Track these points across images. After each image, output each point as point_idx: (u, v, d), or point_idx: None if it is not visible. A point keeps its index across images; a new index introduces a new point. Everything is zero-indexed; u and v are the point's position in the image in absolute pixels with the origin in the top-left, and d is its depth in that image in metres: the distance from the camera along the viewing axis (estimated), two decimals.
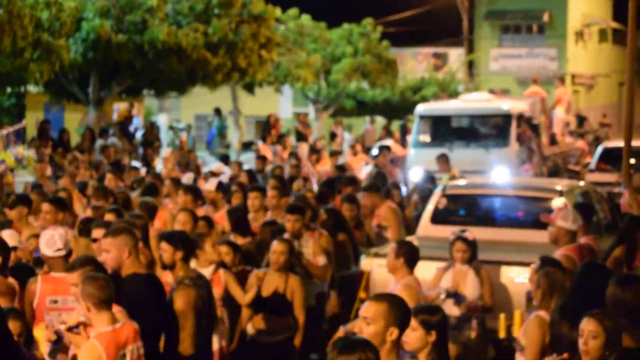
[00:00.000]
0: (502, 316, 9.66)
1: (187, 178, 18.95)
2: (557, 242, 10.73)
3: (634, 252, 11.26)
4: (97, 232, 10.03)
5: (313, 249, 11.89)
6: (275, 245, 10.65)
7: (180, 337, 8.86)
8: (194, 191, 14.69)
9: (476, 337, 10.93)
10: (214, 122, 39.30)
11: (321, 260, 11.78)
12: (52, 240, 9.12)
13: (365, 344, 5.45)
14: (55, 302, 8.76)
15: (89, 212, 13.11)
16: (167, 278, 9.46)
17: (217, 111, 38.71)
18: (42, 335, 8.26)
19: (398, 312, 6.17)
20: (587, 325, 6.73)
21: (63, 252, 9.11)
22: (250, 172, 19.61)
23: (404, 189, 19.53)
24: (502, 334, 9.72)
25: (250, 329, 10.66)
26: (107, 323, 7.44)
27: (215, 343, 10.04)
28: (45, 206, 12.16)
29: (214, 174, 20.29)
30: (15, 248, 10.25)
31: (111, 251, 8.65)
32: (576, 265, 9.92)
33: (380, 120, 49.12)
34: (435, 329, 6.90)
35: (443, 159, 21.88)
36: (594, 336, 6.65)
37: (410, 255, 9.88)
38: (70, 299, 8.48)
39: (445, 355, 7.00)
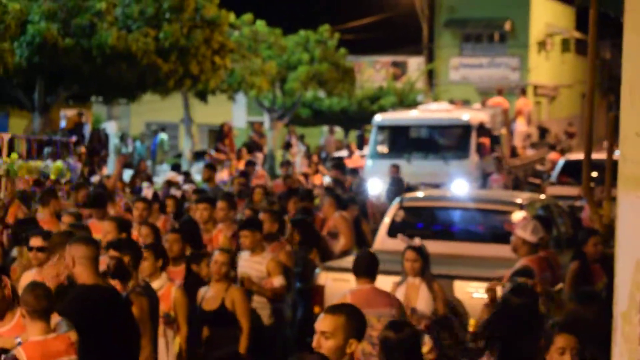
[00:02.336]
0: (472, 321, 9.67)
1: (145, 187, 19.03)
2: (516, 251, 10.80)
3: (587, 269, 11.38)
4: (34, 241, 10.11)
5: (269, 267, 11.81)
6: (217, 256, 10.62)
7: (141, 345, 8.86)
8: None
9: (429, 352, 10.91)
10: (158, 136, 39.34)
11: (276, 281, 11.68)
12: None
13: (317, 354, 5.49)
14: None
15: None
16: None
17: (162, 129, 39.05)
18: None
19: (356, 323, 6.17)
20: (564, 341, 6.85)
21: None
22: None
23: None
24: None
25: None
26: (39, 333, 7.49)
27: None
28: None
29: (169, 182, 20.36)
30: None
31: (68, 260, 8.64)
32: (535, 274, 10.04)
33: (339, 130, 49.26)
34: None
35: (394, 169, 22.06)
36: (563, 351, 6.71)
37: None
38: None
39: None
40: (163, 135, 39.68)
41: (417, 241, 11.56)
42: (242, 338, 10.68)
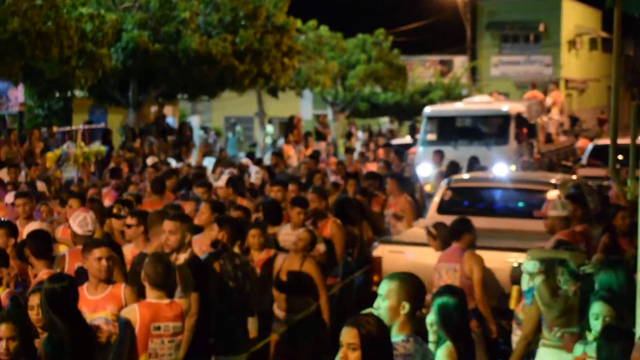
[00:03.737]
0: (514, 288, 9.60)
1: (229, 173, 19.13)
2: (553, 231, 10.70)
3: (615, 240, 11.28)
4: (130, 220, 10.41)
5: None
6: (302, 233, 10.69)
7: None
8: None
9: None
10: (235, 129, 39.43)
11: (320, 248, 11.74)
12: (85, 222, 9.52)
13: (370, 318, 5.50)
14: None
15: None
16: None
17: (234, 126, 39.12)
18: None
19: (408, 288, 6.17)
20: (597, 307, 6.82)
21: (90, 233, 9.53)
22: (269, 168, 19.75)
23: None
24: (512, 306, 9.65)
25: (275, 308, 10.65)
26: (155, 298, 7.65)
27: None
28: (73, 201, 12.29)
29: (242, 166, 20.46)
30: None
31: (176, 234, 8.76)
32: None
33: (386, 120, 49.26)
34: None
35: (437, 155, 21.98)
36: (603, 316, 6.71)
37: None
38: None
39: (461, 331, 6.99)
40: (238, 128, 39.75)
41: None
42: (322, 305, 10.74)
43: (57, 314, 7.07)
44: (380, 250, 12.38)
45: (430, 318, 6.94)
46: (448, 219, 13.40)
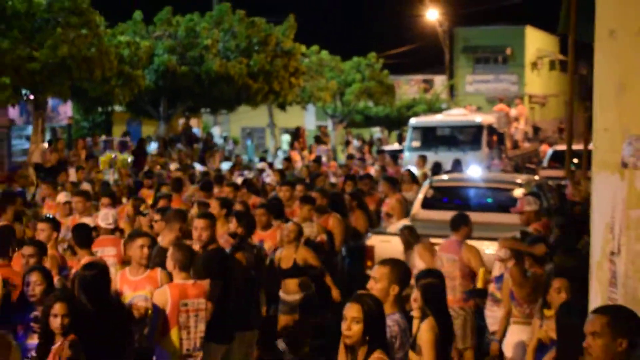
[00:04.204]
0: (481, 270, 9.65)
1: (240, 175, 19.14)
2: (528, 223, 10.68)
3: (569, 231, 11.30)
4: (155, 216, 10.54)
5: (317, 230, 11.86)
6: (288, 225, 10.64)
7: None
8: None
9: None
10: (250, 139, 39.42)
11: (323, 237, 11.74)
12: (107, 217, 9.73)
13: (370, 296, 5.54)
14: (96, 252, 9.15)
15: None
16: None
17: (250, 135, 39.17)
18: None
19: (398, 272, 6.21)
20: (555, 283, 6.84)
21: (112, 226, 9.76)
22: (280, 172, 19.73)
23: None
24: (479, 285, 9.70)
25: (281, 292, 10.63)
26: (182, 279, 7.72)
27: None
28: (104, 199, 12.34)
29: (260, 170, 20.47)
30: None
31: (207, 230, 8.77)
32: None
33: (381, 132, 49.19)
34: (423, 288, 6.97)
35: (421, 160, 21.97)
36: (558, 291, 6.69)
37: None
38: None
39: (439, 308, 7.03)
40: (248, 141, 39.80)
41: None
42: (328, 282, 10.73)
43: (86, 297, 7.12)
44: (373, 240, 12.39)
45: (415, 296, 6.96)
46: (430, 214, 13.50)
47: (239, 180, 16.05)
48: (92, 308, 7.08)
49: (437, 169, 20.26)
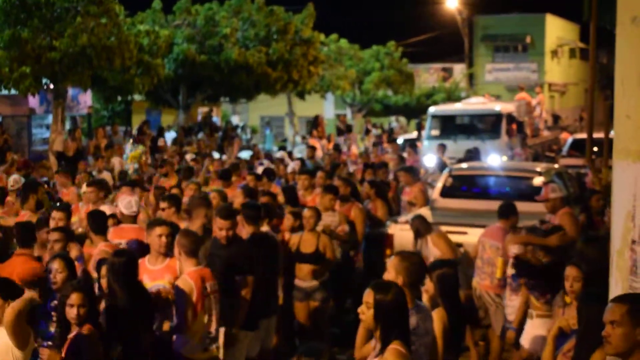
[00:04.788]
0: (499, 260, 9.61)
1: (261, 164, 19.15)
2: (554, 210, 10.57)
3: (591, 219, 11.22)
4: (162, 204, 10.49)
5: (339, 219, 11.85)
6: (306, 212, 10.58)
7: None
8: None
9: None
10: (269, 128, 39.47)
11: (345, 228, 11.72)
12: (130, 204, 9.59)
13: (386, 285, 5.54)
14: (120, 243, 9.04)
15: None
16: None
17: (268, 124, 39.26)
18: None
19: (406, 265, 6.22)
20: (571, 272, 6.73)
21: (135, 213, 9.62)
22: (301, 160, 19.72)
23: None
24: (498, 275, 9.67)
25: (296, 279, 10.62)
26: (193, 265, 7.75)
27: None
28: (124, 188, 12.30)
29: (280, 160, 20.49)
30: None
31: (230, 229, 8.82)
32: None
33: (402, 119, 49.12)
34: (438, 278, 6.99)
35: (440, 148, 21.92)
36: (577, 280, 6.63)
37: None
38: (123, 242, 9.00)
39: (451, 298, 7.03)
40: (267, 130, 39.82)
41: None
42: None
43: (116, 283, 7.16)
44: (392, 229, 12.37)
45: (427, 286, 6.96)
46: (449, 202, 13.46)
47: (259, 170, 16.02)
48: (123, 293, 7.13)
49: (470, 155, 20.26)
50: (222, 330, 8.01)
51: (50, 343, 6.79)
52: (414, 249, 10.79)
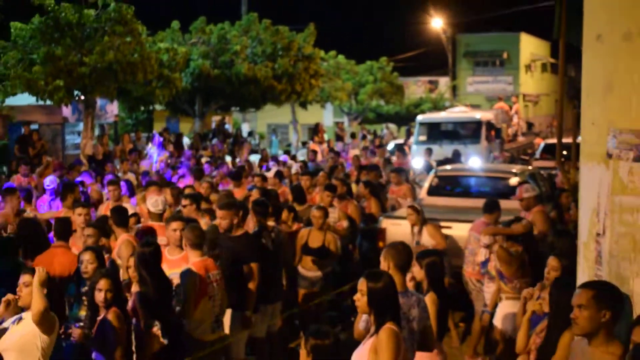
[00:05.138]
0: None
1: (274, 166, 19.17)
2: (529, 208, 10.55)
3: (561, 215, 11.21)
4: (184, 202, 10.42)
5: (338, 215, 11.86)
6: (314, 211, 10.59)
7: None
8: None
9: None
10: (275, 134, 39.42)
11: (344, 223, 11.72)
12: (157, 202, 9.54)
13: (378, 274, 5.54)
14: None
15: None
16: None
17: (275, 131, 39.24)
18: None
19: (396, 254, 6.23)
20: (551, 262, 6.73)
21: (161, 211, 9.54)
22: (303, 162, 19.76)
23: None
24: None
25: (300, 268, 10.61)
26: (198, 256, 7.77)
27: None
28: (152, 188, 12.27)
29: (284, 163, 20.49)
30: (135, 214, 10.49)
31: (226, 218, 8.79)
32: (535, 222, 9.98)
33: (393, 126, 49.09)
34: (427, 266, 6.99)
35: (427, 152, 21.94)
36: (555, 269, 6.63)
37: None
38: (161, 239, 8.82)
39: (438, 283, 7.04)
40: (273, 136, 39.85)
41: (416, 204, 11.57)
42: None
43: (145, 271, 7.18)
44: (384, 223, 12.36)
45: (415, 272, 6.97)
46: (435, 200, 13.47)
47: (272, 172, 16.05)
48: (150, 281, 7.16)
49: (455, 157, 20.38)
50: (228, 311, 8.04)
51: (81, 324, 6.81)
52: (412, 239, 10.84)
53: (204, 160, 21.29)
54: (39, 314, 5.82)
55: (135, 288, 7.38)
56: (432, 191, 13.94)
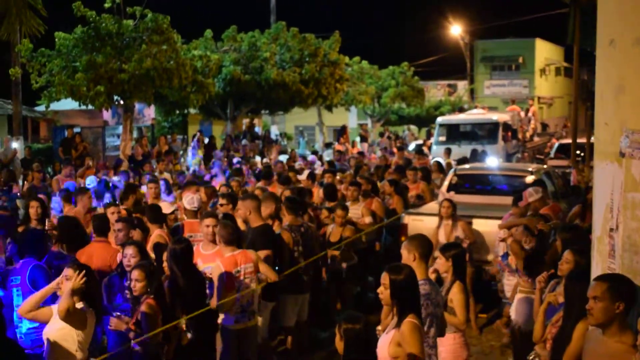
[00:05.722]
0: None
1: (298, 165, 19.24)
2: (537, 210, 10.47)
3: (585, 211, 11.12)
4: (221, 201, 10.43)
5: (362, 212, 11.88)
6: (338, 211, 10.71)
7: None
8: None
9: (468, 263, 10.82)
10: (302, 136, 39.46)
11: (367, 219, 11.74)
12: (192, 200, 9.66)
13: (399, 267, 5.54)
14: (191, 236, 9.01)
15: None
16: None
17: (302, 133, 39.29)
18: None
19: (417, 245, 6.22)
20: (566, 255, 6.64)
21: (196, 208, 9.64)
22: (330, 162, 19.81)
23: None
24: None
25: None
26: (230, 251, 7.83)
27: None
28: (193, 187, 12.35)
29: (312, 161, 20.52)
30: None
31: (240, 208, 8.87)
32: (551, 217, 9.89)
33: (414, 127, 48.99)
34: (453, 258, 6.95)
35: (446, 151, 21.88)
36: (568, 262, 6.57)
37: None
38: (198, 234, 8.92)
39: (463, 274, 7.03)
40: (300, 138, 39.96)
41: (451, 194, 11.57)
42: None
43: (176, 266, 7.24)
44: (406, 219, 12.36)
45: (439, 264, 6.97)
46: (454, 196, 13.42)
47: (305, 174, 16.10)
48: (181, 274, 7.22)
49: (473, 156, 20.42)
50: (256, 299, 8.11)
51: (118, 314, 6.88)
52: (437, 231, 10.87)
53: (235, 160, 21.39)
54: (64, 311, 5.87)
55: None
56: (451, 188, 13.90)
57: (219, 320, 7.81)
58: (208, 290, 7.71)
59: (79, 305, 6.04)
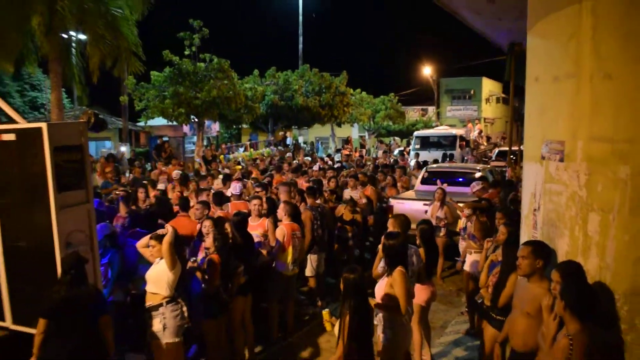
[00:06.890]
0: (459, 222, 9.49)
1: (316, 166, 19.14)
2: (480, 196, 10.41)
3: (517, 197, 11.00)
4: (257, 189, 10.29)
5: (360, 195, 11.79)
6: (347, 205, 10.64)
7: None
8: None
9: (444, 235, 10.70)
10: (319, 144, 39.26)
11: (363, 201, 11.59)
12: (235, 188, 9.56)
13: (391, 234, 5.54)
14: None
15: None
16: None
17: (320, 142, 39.18)
18: None
19: (397, 221, 6.19)
20: (501, 229, 6.38)
21: (238, 194, 9.50)
22: (340, 162, 19.71)
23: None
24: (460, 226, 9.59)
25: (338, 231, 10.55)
26: (288, 221, 7.87)
27: None
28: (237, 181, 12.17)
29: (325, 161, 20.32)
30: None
31: (282, 193, 8.86)
32: (494, 202, 9.78)
33: (398, 139, 48.71)
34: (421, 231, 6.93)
35: (416, 155, 21.78)
36: (503, 234, 6.39)
37: None
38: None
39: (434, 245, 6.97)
40: (318, 145, 39.82)
41: (445, 185, 11.45)
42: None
43: (236, 231, 7.21)
44: (392, 202, 12.33)
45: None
46: (426, 187, 13.36)
47: (316, 167, 15.97)
48: (240, 238, 7.18)
49: (443, 159, 20.34)
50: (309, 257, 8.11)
51: (194, 258, 6.85)
52: (433, 212, 10.69)
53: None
54: (167, 243, 5.75)
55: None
56: (423, 181, 13.86)
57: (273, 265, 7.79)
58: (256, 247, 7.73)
59: None
